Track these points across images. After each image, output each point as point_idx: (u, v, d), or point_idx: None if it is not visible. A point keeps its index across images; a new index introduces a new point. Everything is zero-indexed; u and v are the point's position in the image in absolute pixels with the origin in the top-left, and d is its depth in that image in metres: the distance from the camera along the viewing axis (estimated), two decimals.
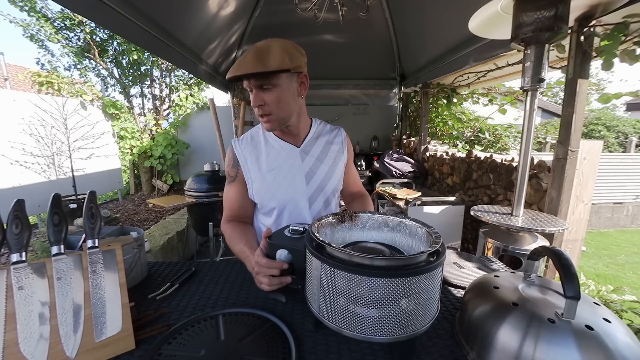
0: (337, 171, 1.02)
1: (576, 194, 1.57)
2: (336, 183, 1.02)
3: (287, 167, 0.96)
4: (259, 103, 0.85)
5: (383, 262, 0.51)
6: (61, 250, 0.58)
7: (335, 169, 1.01)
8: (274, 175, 0.95)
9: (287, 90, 0.86)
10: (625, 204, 5.12)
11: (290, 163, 0.96)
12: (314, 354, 0.59)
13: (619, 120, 8.68)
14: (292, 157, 0.97)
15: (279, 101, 0.86)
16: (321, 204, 1.00)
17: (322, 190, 0.99)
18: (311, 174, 0.97)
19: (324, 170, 0.99)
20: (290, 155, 0.97)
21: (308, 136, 1.01)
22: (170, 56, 2.22)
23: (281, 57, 0.80)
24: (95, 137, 4.91)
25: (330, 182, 1.00)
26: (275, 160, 0.96)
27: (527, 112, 1.31)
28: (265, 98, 0.85)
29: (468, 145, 3.78)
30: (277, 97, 0.85)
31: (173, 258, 3.10)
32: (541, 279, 0.61)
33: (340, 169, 1.03)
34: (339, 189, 1.05)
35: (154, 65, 5.87)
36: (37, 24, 5.17)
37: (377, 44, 3.61)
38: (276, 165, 0.96)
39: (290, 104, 0.89)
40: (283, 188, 0.95)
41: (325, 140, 1.03)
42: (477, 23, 1.40)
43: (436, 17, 2.53)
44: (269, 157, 0.97)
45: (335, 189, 1.02)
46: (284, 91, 0.86)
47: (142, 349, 0.60)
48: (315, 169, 0.98)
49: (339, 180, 1.04)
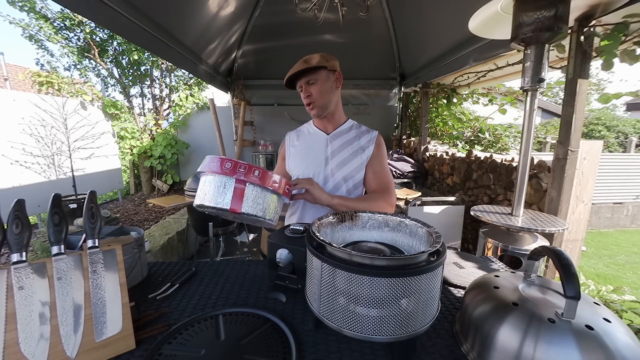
0: (354, 161, 1.16)
1: (576, 194, 1.57)
2: (351, 171, 1.16)
3: (315, 148, 1.21)
4: (307, 95, 1.13)
5: (383, 261, 0.51)
6: (61, 250, 0.58)
7: (354, 158, 1.17)
8: (303, 153, 1.22)
9: (326, 82, 1.13)
10: (625, 204, 5.12)
11: (318, 146, 1.21)
12: (314, 353, 0.59)
13: (619, 120, 8.68)
14: (319, 142, 1.22)
15: (320, 91, 1.13)
16: (331, 187, 1.16)
17: (335, 173, 1.16)
18: (331, 157, 1.18)
19: (342, 156, 1.17)
20: (318, 139, 1.22)
21: (339, 128, 1.22)
22: (170, 56, 2.22)
23: (319, 59, 1.10)
24: (95, 137, 4.91)
25: (345, 168, 1.16)
26: (306, 142, 1.25)
27: (527, 112, 1.31)
28: (311, 90, 1.13)
29: (468, 145, 3.78)
30: (319, 88, 1.12)
31: (173, 258, 3.10)
32: (541, 279, 0.61)
33: (358, 160, 1.17)
34: (353, 177, 1.17)
35: (154, 65, 5.87)
36: (36, 24, 5.18)
37: (377, 44, 3.61)
38: (306, 146, 1.23)
39: (328, 93, 1.15)
40: (306, 163, 1.20)
41: (354, 134, 1.21)
42: (477, 23, 1.40)
43: (436, 17, 2.52)
44: (304, 140, 1.26)
45: (348, 175, 1.16)
46: (324, 83, 1.13)
47: (142, 349, 0.60)
48: (335, 153, 1.18)
49: (355, 169, 1.16)
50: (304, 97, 1.16)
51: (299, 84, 1.15)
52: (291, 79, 1.13)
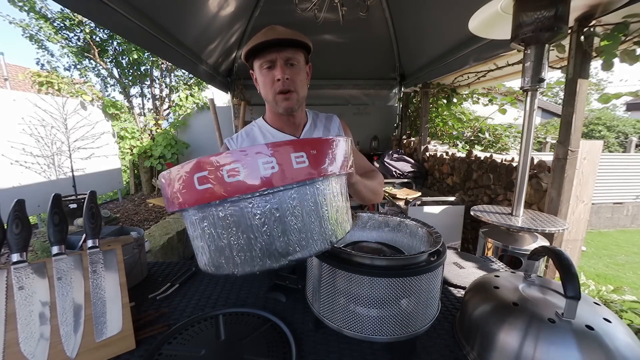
0: None
1: (576, 194, 1.57)
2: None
3: None
4: (286, 76, 0.84)
5: (384, 261, 0.51)
6: (62, 250, 0.58)
7: None
8: None
9: (303, 72, 0.90)
10: (625, 204, 5.12)
11: None
12: (314, 353, 0.58)
13: (619, 120, 8.68)
14: None
15: (300, 80, 0.88)
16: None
17: None
18: None
19: None
20: None
21: (306, 126, 1.01)
22: (170, 56, 2.22)
23: (304, 37, 0.85)
24: (95, 137, 4.91)
25: None
26: None
27: (527, 112, 1.31)
28: (290, 74, 0.85)
29: (468, 145, 3.78)
30: (299, 75, 0.87)
31: (173, 258, 3.10)
32: (541, 279, 0.61)
33: None
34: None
35: (154, 65, 5.87)
36: (36, 24, 5.17)
37: (377, 44, 3.61)
38: None
39: (304, 86, 0.91)
40: None
41: (322, 128, 1.03)
42: (477, 23, 1.40)
43: (436, 17, 2.52)
44: None
45: None
46: (302, 72, 0.89)
47: (142, 349, 0.60)
48: None
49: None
50: (282, 74, 0.84)
51: (269, 58, 0.83)
52: (258, 49, 0.82)
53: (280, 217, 0.43)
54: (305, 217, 0.44)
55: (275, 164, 0.40)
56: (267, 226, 0.42)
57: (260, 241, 0.43)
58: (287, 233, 0.43)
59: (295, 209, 0.43)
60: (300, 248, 0.44)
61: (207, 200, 0.41)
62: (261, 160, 0.40)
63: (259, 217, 0.42)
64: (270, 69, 0.85)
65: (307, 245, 0.44)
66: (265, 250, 0.43)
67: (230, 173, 0.39)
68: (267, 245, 0.43)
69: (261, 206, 0.42)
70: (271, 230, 0.43)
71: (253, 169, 0.40)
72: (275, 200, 0.42)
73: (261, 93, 0.95)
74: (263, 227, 0.42)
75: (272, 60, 0.84)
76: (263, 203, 0.42)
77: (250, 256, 0.43)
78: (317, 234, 0.45)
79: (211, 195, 0.40)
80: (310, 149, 0.43)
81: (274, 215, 0.42)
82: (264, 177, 0.40)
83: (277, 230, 0.43)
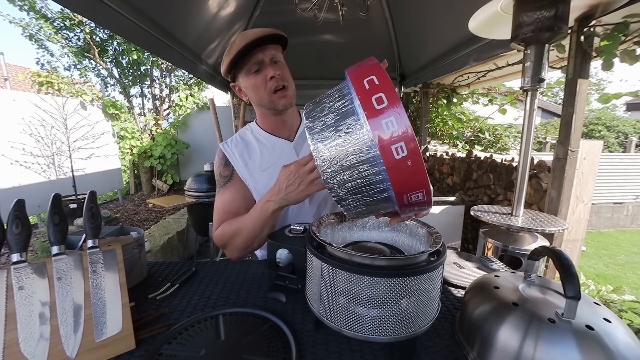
0: None
1: (576, 194, 1.57)
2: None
3: (283, 163, 0.86)
4: (278, 72, 0.84)
5: (384, 261, 0.51)
6: (61, 250, 0.58)
7: None
8: (270, 174, 0.91)
9: (287, 68, 0.90)
10: (625, 204, 5.12)
11: (285, 159, 0.91)
12: (314, 353, 0.58)
13: (619, 120, 8.69)
14: (286, 153, 0.94)
15: (288, 75, 0.87)
16: (321, 199, 0.96)
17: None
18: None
19: None
20: (284, 151, 0.94)
21: (300, 128, 0.98)
22: (170, 56, 2.22)
23: (281, 31, 0.86)
24: (95, 137, 4.91)
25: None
26: (269, 158, 0.94)
27: (527, 112, 1.31)
28: (279, 70, 0.85)
29: (468, 145, 3.78)
30: (286, 70, 0.87)
31: (173, 258, 3.10)
32: (541, 279, 0.61)
33: None
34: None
35: (154, 65, 5.87)
36: (36, 24, 5.17)
37: (377, 44, 3.61)
38: (271, 163, 0.93)
39: (292, 82, 0.90)
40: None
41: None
42: (477, 23, 1.40)
43: (436, 17, 2.52)
44: (263, 156, 0.94)
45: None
46: (287, 68, 0.88)
47: (142, 349, 0.60)
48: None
49: None
50: (274, 72, 0.83)
51: (255, 60, 0.83)
52: (243, 53, 0.81)
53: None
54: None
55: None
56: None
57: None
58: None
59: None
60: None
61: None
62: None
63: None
64: (259, 71, 0.85)
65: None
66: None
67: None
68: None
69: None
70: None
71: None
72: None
73: (252, 99, 0.92)
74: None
75: (258, 61, 0.84)
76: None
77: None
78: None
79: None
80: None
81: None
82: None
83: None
